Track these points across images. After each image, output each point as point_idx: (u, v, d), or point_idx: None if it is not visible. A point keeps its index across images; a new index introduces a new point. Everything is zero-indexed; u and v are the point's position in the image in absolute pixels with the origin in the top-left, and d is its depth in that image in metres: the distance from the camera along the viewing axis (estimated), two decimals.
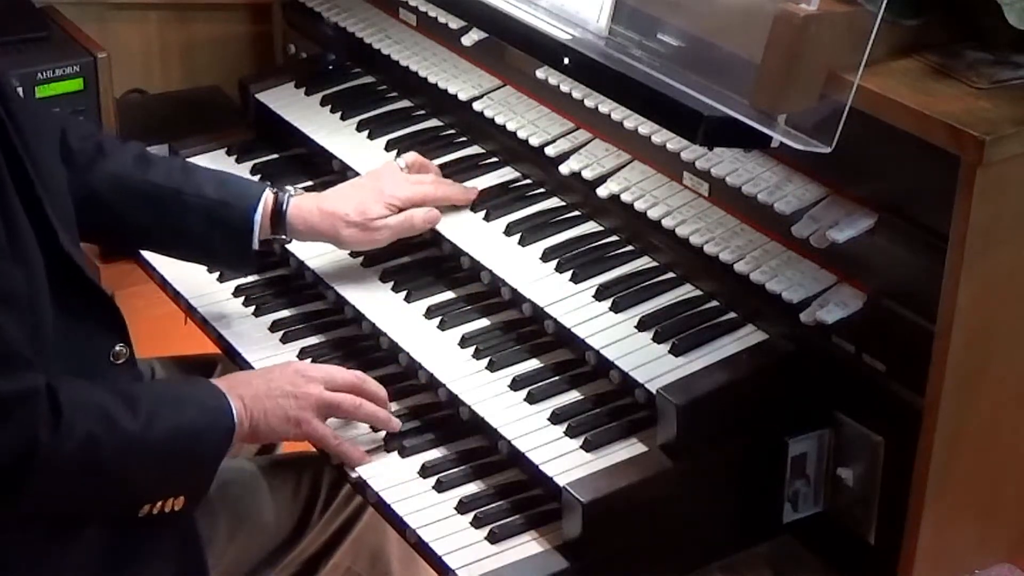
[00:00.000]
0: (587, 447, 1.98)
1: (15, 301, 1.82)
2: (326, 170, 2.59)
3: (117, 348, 2.00)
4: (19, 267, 1.83)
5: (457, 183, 2.42)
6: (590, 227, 2.31)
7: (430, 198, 2.35)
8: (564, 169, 2.33)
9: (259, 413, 2.02)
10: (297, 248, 2.43)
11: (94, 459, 1.87)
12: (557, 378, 2.11)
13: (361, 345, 2.28)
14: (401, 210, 2.33)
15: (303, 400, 2.05)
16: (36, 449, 1.81)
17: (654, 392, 1.96)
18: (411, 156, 2.45)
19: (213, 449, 1.98)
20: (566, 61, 2.09)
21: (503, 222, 2.33)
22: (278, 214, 2.28)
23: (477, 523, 1.96)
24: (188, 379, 2.31)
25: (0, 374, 1.79)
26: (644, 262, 2.22)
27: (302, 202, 2.31)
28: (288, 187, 2.33)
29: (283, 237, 2.31)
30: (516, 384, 2.10)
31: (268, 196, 2.28)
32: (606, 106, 2.25)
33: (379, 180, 2.37)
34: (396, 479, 2.04)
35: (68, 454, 1.84)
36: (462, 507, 1.98)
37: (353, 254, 2.40)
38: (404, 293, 2.30)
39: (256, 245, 2.29)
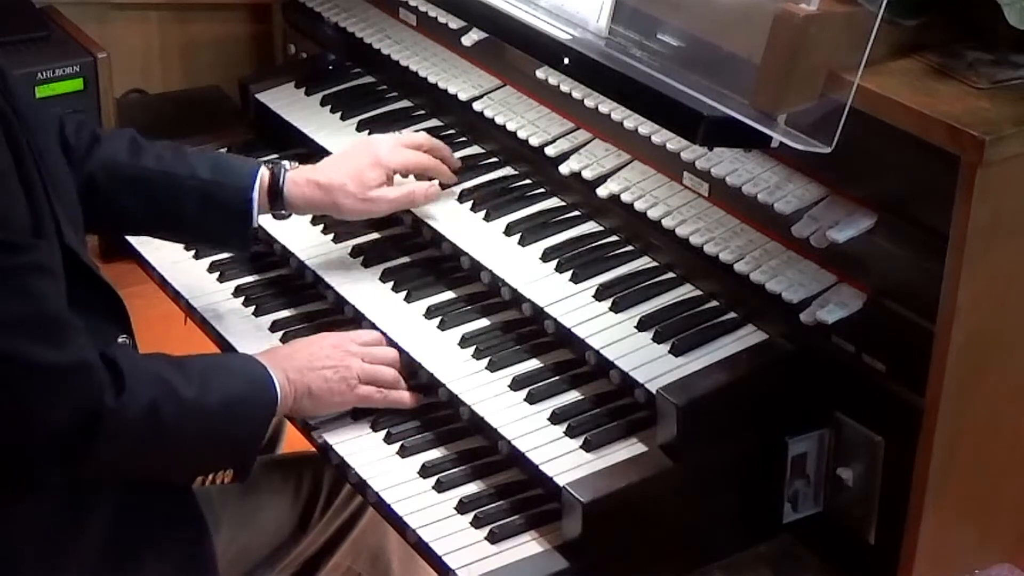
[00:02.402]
0: (587, 447, 1.98)
1: (54, 272, 1.84)
2: None
3: (120, 339, 2.02)
4: (46, 242, 1.85)
5: (444, 147, 2.44)
6: (590, 227, 2.31)
7: (424, 164, 2.37)
8: (564, 169, 2.33)
9: (303, 387, 2.06)
10: (297, 248, 2.43)
11: (156, 424, 1.89)
12: (557, 378, 2.11)
13: None
14: (395, 176, 2.34)
15: (345, 371, 2.09)
16: (102, 415, 1.84)
17: (654, 392, 1.96)
18: (408, 133, 2.48)
19: (258, 421, 2.02)
20: (566, 61, 2.10)
21: (503, 222, 2.33)
22: (275, 190, 2.28)
23: (477, 523, 1.96)
24: (227, 353, 2.32)
25: (52, 344, 1.81)
26: (644, 262, 2.22)
27: (298, 176, 2.31)
28: (283, 162, 2.33)
29: (283, 212, 2.32)
30: (516, 384, 2.10)
31: (264, 173, 2.28)
32: (606, 106, 2.25)
33: (372, 146, 2.38)
34: (396, 479, 2.04)
35: (132, 419, 1.87)
36: (462, 507, 1.98)
37: (353, 254, 2.40)
38: (404, 293, 2.30)
39: (255, 223, 2.29)
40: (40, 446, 1.84)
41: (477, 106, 2.51)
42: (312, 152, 2.62)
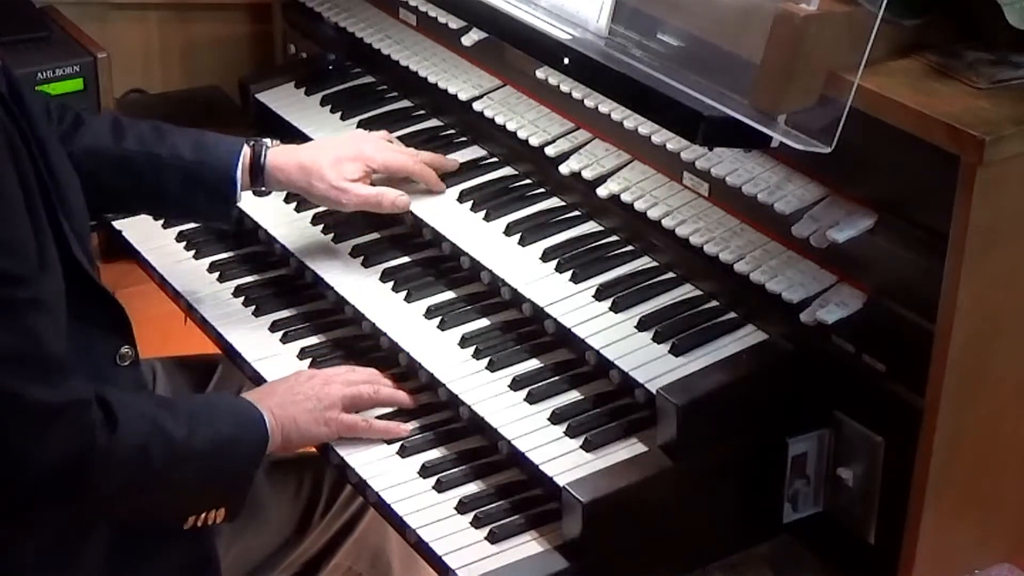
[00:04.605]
0: (587, 447, 1.98)
1: (53, 308, 1.83)
2: None
3: (123, 350, 2.01)
4: (48, 275, 1.84)
5: (435, 155, 2.45)
6: (590, 227, 2.31)
7: (407, 168, 2.38)
8: (564, 169, 2.33)
9: (288, 421, 2.05)
10: (297, 248, 2.43)
11: (146, 465, 1.88)
12: (557, 378, 2.11)
13: (361, 345, 2.28)
14: (375, 174, 2.36)
15: (326, 399, 2.08)
16: (93, 456, 1.83)
17: (654, 392, 1.96)
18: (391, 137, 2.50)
19: (249, 459, 2.01)
20: (566, 61, 2.09)
21: (503, 222, 2.33)
22: (256, 167, 2.31)
23: (477, 523, 1.96)
24: (213, 393, 2.34)
25: (45, 383, 1.80)
26: (644, 262, 2.22)
27: (280, 153, 2.34)
28: (265, 139, 2.35)
29: (262, 188, 2.34)
30: (516, 384, 2.10)
31: (246, 151, 2.31)
32: (606, 106, 2.25)
33: (360, 141, 2.41)
34: (396, 479, 2.04)
35: (123, 460, 1.86)
36: (462, 507, 1.98)
37: (353, 254, 2.40)
38: (404, 293, 2.30)
39: (239, 200, 2.32)
40: (31, 485, 1.82)
41: (477, 106, 2.51)
42: None
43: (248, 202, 2.40)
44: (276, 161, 2.32)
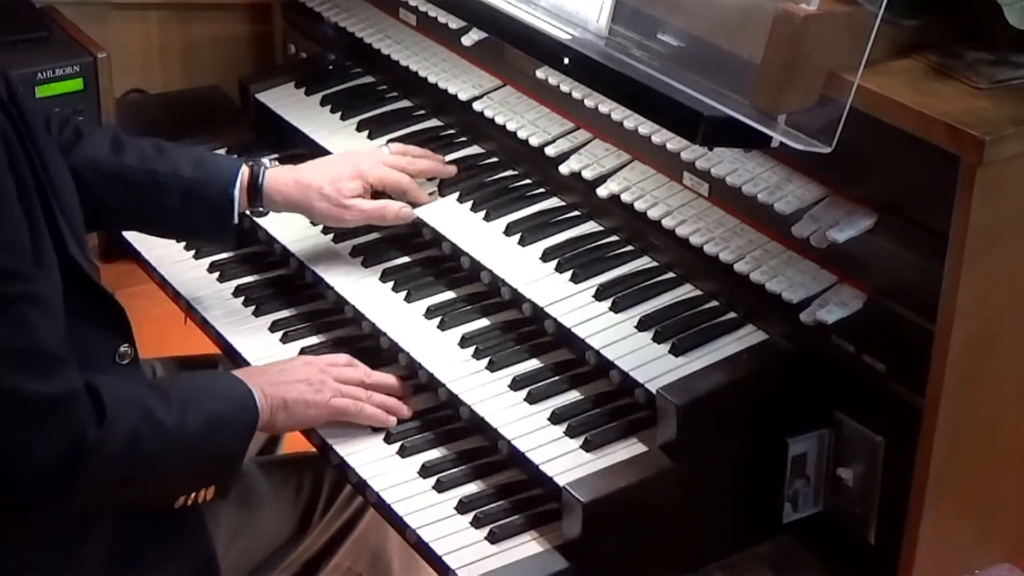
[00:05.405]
0: (587, 447, 1.98)
1: (49, 304, 1.83)
2: None
3: (122, 349, 2.01)
4: (44, 272, 1.84)
5: (433, 159, 2.44)
6: (590, 227, 2.31)
7: (402, 186, 2.39)
8: (564, 169, 2.33)
9: (278, 400, 2.06)
10: (297, 248, 2.43)
11: (138, 453, 1.89)
12: (557, 378, 2.11)
13: (361, 345, 2.28)
14: (374, 190, 2.36)
15: (318, 385, 2.09)
16: (83, 447, 1.83)
17: (654, 392, 1.96)
18: (396, 146, 2.49)
19: (240, 437, 2.01)
20: (566, 61, 2.10)
21: (503, 222, 2.33)
22: (254, 187, 2.32)
23: (477, 523, 1.96)
24: (205, 372, 2.32)
25: (40, 376, 1.80)
26: (644, 262, 2.22)
27: (278, 174, 2.34)
28: (263, 159, 2.36)
29: (260, 209, 2.35)
30: (516, 384, 2.10)
31: (244, 171, 2.32)
32: (606, 106, 2.25)
33: (357, 157, 2.41)
34: (396, 479, 2.04)
35: (114, 450, 1.86)
36: (462, 507, 1.98)
37: (353, 254, 2.40)
38: (404, 293, 2.30)
39: (236, 220, 2.32)
40: (23, 478, 1.82)
41: (477, 106, 2.51)
42: (312, 152, 2.62)
43: None
44: (274, 182, 2.32)
